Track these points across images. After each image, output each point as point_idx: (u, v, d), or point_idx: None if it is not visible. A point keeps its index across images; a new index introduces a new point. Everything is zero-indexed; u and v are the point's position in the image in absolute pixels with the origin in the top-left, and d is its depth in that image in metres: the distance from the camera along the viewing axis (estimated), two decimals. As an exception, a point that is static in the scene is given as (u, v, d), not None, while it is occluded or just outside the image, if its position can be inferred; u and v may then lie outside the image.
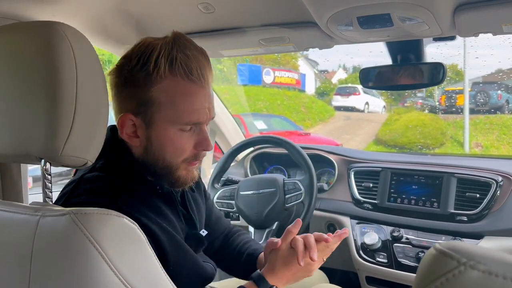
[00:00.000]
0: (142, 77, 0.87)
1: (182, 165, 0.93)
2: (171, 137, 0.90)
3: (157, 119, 0.88)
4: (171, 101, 0.87)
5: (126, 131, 0.91)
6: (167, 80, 0.86)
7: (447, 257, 0.35)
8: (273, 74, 14.08)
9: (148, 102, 0.87)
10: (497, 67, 11.76)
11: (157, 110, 0.88)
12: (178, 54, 0.86)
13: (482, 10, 1.06)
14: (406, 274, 1.55)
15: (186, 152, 0.92)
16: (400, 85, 1.46)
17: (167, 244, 0.91)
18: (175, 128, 0.89)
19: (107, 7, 1.25)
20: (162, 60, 0.85)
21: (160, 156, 0.91)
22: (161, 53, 0.86)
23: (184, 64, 0.86)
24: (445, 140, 10.12)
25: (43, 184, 0.76)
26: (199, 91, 0.89)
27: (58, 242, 0.64)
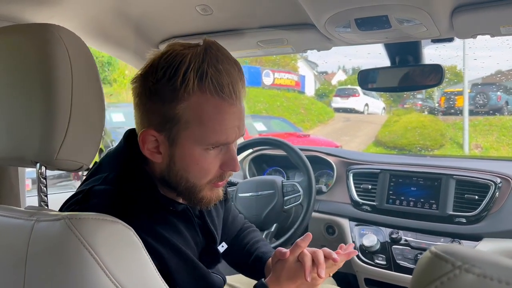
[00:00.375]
0: (168, 91, 0.79)
1: (207, 186, 0.87)
2: (196, 157, 0.83)
3: (182, 137, 0.81)
4: (199, 120, 0.80)
5: (147, 147, 0.84)
6: (195, 96, 0.78)
7: (442, 260, 0.35)
8: (272, 75, 14.08)
9: (174, 119, 0.80)
10: (496, 69, 11.75)
11: (182, 128, 0.81)
12: (209, 68, 0.78)
13: (480, 12, 1.06)
14: (404, 276, 1.55)
15: (211, 173, 0.85)
16: (399, 87, 1.46)
17: (174, 264, 0.86)
18: (201, 148, 0.82)
19: (105, 9, 1.24)
20: (191, 75, 0.77)
21: (184, 176, 0.85)
22: (190, 67, 0.77)
23: (215, 80, 0.78)
24: (445, 141, 10.12)
25: (38, 188, 0.75)
26: (230, 109, 0.81)
27: (53, 247, 0.64)
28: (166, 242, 0.86)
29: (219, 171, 0.86)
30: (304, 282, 0.95)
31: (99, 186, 0.83)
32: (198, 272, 0.93)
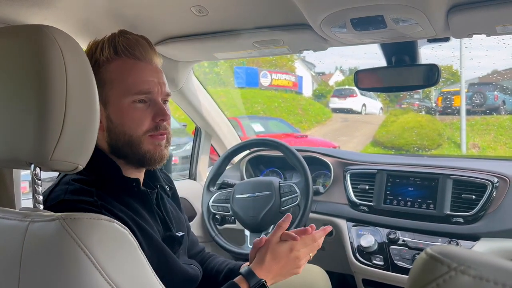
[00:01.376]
0: (92, 65, 0.91)
1: (145, 138, 0.97)
2: (126, 109, 0.95)
3: (111, 96, 0.95)
4: (120, 77, 0.95)
5: None
6: (114, 61, 0.95)
7: (437, 262, 0.35)
8: (270, 76, 14.09)
9: (100, 84, 0.91)
10: (493, 68, 11.81)
11: (109, 88, 0.94)
12: (119, 38, 0.96)
13: (476, 11, 1.06)
14: (402, 277, 1.55)
15: (144, 123, 0.96)
16: (395, 87, 1.46)
17: (143, 241, 0.92)
18: (129, 101, 0.95)
19: (100, 10, 1.24)
20: (106, 46, 0.95)
21: (121, 132, 0.96)
22: (105, 42, 0.96)
23: (126, 45, 0.95)
24: (442, 141, 10.14)
25: (33, 189, 0.75)
26: (145, 66, 0.97)
27: (48, 248, 0.64)
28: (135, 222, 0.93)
29: (152, 123, 0.97)
30: (287, 262, 1.05)
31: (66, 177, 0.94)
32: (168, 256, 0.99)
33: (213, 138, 2.21)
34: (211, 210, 1.80)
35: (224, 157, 1.89)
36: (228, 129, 2.23)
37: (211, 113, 2.08)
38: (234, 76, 12.98)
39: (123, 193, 0.97)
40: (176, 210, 1.17)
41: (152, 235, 0.96)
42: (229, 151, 1.90)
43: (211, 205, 1.80)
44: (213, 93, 2.09)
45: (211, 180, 1.86)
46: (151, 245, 0.95)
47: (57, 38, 0.72)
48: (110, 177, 0.96)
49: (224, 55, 1.59)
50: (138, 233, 0.92)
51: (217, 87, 11.90)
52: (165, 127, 1.00)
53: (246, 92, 13.16)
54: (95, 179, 0.93)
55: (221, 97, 10.77)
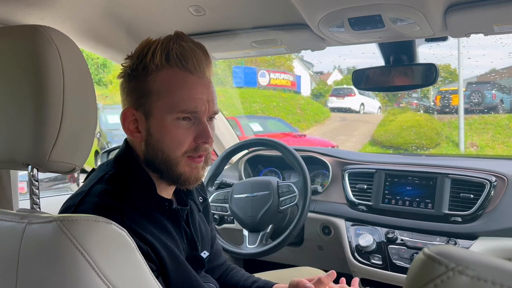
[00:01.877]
0: (141, 70, 0.89)
1: (183, 159, 0.91)
2: (168, 126, 0.89)
3: (155, 108, 0.89)
4: (168, 89, 0.88)
5: (128, 126, 0.91)
6: (164, 70, 0.88)
7: (435, 262, 0.34)
8: (268, 76, 14.09)
9: (147, 92, 0.89)
10: (491, 67, 11.84)
11: (155, 99, 0.88)
12: (174, 45, 0.88)
13: (473, 11, 1.06)
14: (401, 276, 1.55)
15: (185, 143, 0.90)
16: (393, 86, 1.46)
17: (168, 262, 0.89)
18: (173, 117, 0.89)
19: (97, 11, 1.23)
20: (158, 52, 0.88)
21: (160, 148, 0.90)
22: (158, 46, 0.88)
23: (179, 54, 0.88)
24: (441, 140, 10.15)
25: (30, 191, 0.74)
26: (196, 81, 0.90)
27: (45, 250, 0.63)
28: (161, 241, 0.89)
29: (193, 144, 0.91)
30: None
31: (97, 185, 0.87)
32: (191, 274, 0.95)
33: (211, 137, 2.20)
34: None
35: (222, 157, 1.88)
36: (226, 128, 2.22)
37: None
38: (232, 76, 12.97)
39: (154, 209, 0.92)
40: (205, 224, 1.12)
41: (177, 255, 0.92)
42: (227, 151, 1.89)
43: (210, 205, 1.80)
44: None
45: (209, 180, 1.86)
46: (176, 265, 0.91)
47: (53, 38, 0.72)
48: (144, 194, 0.91)
49: (222, 55, 1.58)
50: (165, 254, 0.88)
51: (216, 87, 11.88)
52: (206, 149, 0.94)
53: (244, 91, 13.16)
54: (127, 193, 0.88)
55: (220, 97, 10.73)
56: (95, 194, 0.86)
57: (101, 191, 0.86)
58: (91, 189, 0.87)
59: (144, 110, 0.90)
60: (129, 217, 0.84)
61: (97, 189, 0.87)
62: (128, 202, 0.86)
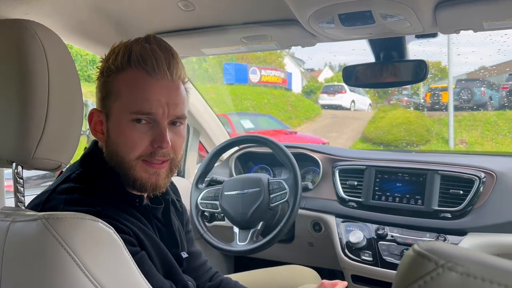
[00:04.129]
0: (105, 71, 0.89)
1: (138, 163, 0.88)
2: (123, 128, 0.87)
3: (113, 109, 0.88)
4: (125, 90, 0.87)
5: (94, 127, 0.91)
6: (125, 71, 0.87)
7: (425, 259, 0.34)
8: (259, 73, 14.08)
9: (108, 93, 0.89)
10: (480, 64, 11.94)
11: (113, 99, 0.88)
12: (136, 47, 0.88)
13: (463, 7, 1.06)
14: (391, 272, 1.55)
15: (139, 147, 0.87)
16: (383, 83, 1.46)
17: (149, 247, 0.89)
18: (128, 118, 0.86)
19: (84, 6, 1.21)
20: (120, 53, 0.88)
21: (114, 150, 0.88)
22: (121, 48, 0.89)
23: (139, 55, 0.86)
24: (430, 137, 10.23)
25: (14, 188, 0.73)
26: (154, 82, 0.87)
27: (30, 248, 0.62)
28: (141, 229, 0.88)
29: (149, 148, 0.88)
30: None
31: (63, 185, 0.86)
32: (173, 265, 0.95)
33: (201, 134, 2.20)
34: (199, 207, 1.78)
35: (212, 154, 1.87)
36: (216, 125, 2.21)
37: (199, 109, 2.07)
38: (223, 73, 12.95)
39: (126, 204, 0.90)
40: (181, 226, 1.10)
41: (157, 241, 0.91)
42: (218, 147, 1.88)
43: (200, 202, 1.79)
44: (202, 90, 2.08)
45: (199, 177, 1.85)
46: (160, 255, 0.91)
47: (38, 32, 0.71)
48: (112, 190, 0.89)
49: (212, 51, 1.57)
50: (147, 242, 0.88)
51: (206, 84, 11.86)
52: (166, 154, 0.90)
53: (235, 88, 13.14)
54: (96, 189, 0.86)
55: (211, 94, 10.73)
56: (61, 191, 0.84)
57: (67, 187, 0.84)
58: (57, 187, 0.86)
59: (106, 111, 0.89)
60: (102, 207, 0.82)
61: (63, 187, 0.85)
62: (98, 197, 0.85)
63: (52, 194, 0.84)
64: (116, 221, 0.82)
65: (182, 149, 0.96)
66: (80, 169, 0.90)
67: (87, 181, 0.88)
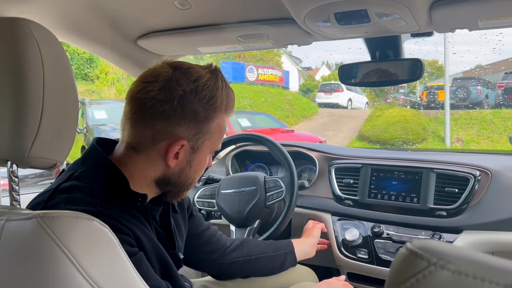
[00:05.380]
0: (209, 111, 0.93)
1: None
2: (205, 161, 1.00)
3: (205, 146, 0.97)
4: (219, 133, 0.98)
5: (170, 155, 0.92)
6: (221, 115, 0.97)
7: (417, 257, 0.34)
8: (256, 71, 14.09)
9: (206, 132, 0.95)
10: (476, 63, 11.98)
11: (208, 138, 0.96)
12: (230, 96, 0.98)
13: (458, 6, 1.06)
14: (387, 270, 1.56)
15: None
16: (379, 82, 1.47)
17: (148, 248, 0.89)
18: (208, 153, 1.00)
19: (79, 4, 1.21)
20: (224, 99, 0.95)
21: (192, 177, 0.99)
22: (223, 92, 0.95)
23: (231, 105, 0.99)
24: (427, 135, 10.26)
25: (9, 187, 0.73)
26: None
27: (24, 247, 0.62)
28: (141, 230, 0.90)
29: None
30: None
31: (65, 183, 0.86)
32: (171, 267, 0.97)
33: (198, 133, 2.19)
34: (196, 205, 1.79)
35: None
36: (213, 124, 2.21)
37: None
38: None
39: (127, 204, 0.91)
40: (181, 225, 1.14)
41: (157, 243, 0.93)
42: (214, 146, 1.88)
43: (196, 200, 1.79)
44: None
45: (196, 176, 1.84)
46: (158, 256, 0.93)
47: (33, 31, 0.70)
48: (116, 189, 0.90)
49: (208, 49, 1.57)
50: (146, 243, 0.89)
51: (203, 82, 11.83)
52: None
53: (232, 86, 13.03)
54: (98, 188, 0.87)
55: (208, 92, 10.69)
56: (64, 190, 0.84)
57: (69, 186, 0.85)
58: (60, 186, 0.86)
59: (195, 145, 0.95)
60: (103, 207, 0.83)
61: (65, 185, 0.85)
62: (100, 196, 0.85)
63: (54, 193, 0.84)
64: (116, 221, 0.83)
65: None
66: (83, 168, 0.90)
67: (89, 179, 0.87)
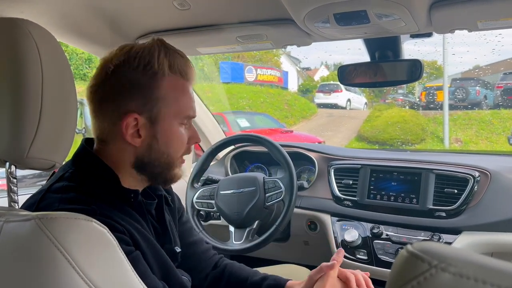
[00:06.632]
0: (148, 77, 0.90)
1: (179, 161, 0.98)
2: (175, 131, 0.95)
3: (164, 114, 0.92)
4: (175, 97, 0.93)
5: (129, 132, 0.91)
6: (170, 77, 0.92)
7: (418, 260, 0.34)
8: (255, 71, 14.09)
9: (156, 99, 0.91)
10: (475, 64, 12.01)
11: (163, 105, 0.92)
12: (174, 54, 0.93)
13: (457, 7, 1.06)
14: (386, 271, 1.56)
15: (184, 146, 0.98)
16: (378, 82, 1.46)
17: (144, 246, 0.89)
18: (178, 123, 0.95)
19: (79, 4, 1.21)
20: (163, 60, 0.91)
21: (165, 152, 0.94)
22: (161, 55, 0.92)
23: (179, 64, 0.94)
24: (426, 136, 10.27)
25: (8, 188, 0.73)
26: (190, 89, 0.98)
27: (23, 248, 0.62)
28: (135, 228, 0.90)
29: (187, 146, 0.99)
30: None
31: (57, 184, 0.86)
32: (167, 263, 0.96)
33: (197, 133, 2.19)
34: (195, 206, 1.78)
35: (208, 152, 1.87)
36: (212, 124, 2.21)
37: (196, 108, 2.06)
38: (219, 71, 12.94)
39: (120, 201, 0.92)
40: (174, 221, 1.12)
41: (152, 241, 0.93)
42: (213, 146, 1.88)
43: (195, 201, 1.79)
44: (198, 88, 2.08)
45: (195, 176, 1.84)
46: (151, 249, 0.92)
47: (32, 31, 0.70)
48: (108, 187, 0.91)
49: (207, 50, 1.57)
50: (141, 241, 0.89)
51: (203, 82, 11.85)
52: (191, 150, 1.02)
53: (231, 87, 13.14)
54: (90, 187, 0.87)
55: (207, 92, 10.73)
56: (56, 190, 0.85)
57: (62, 186, 0.85)
58: (51, 186, 0.86)
59: (151, 116, 0.91)
60: (97, 206, 0.84)
61: (57, 186, 0.86)
62: (92, 194, 0.86)
63: (47, 193, 0.85)
64: (111, 219, 0.83)
65: None
66: (73, 168, 0.90)
67: (81, 179, 0.88)
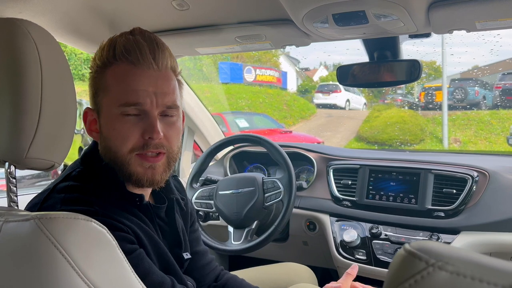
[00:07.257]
0: (98, 70, 0.88)
1: (132, 157, 0.86)
2: (113, 121, 0.85)
3: (103, 104, 0.87)
4: (113, 84, 0.85)
5: (88, 126, 0.90)
6: (112, 66, 0.86)
7: (415, 258, 0.34)
8: (254, 72, 14.09)
9: (98, 89, 0.88)
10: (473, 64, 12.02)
11: (102, 95, 0.87)
12: (120, 39, 0.86)
13: (456, 7, 1.06)
14: (385, 271, 1.56)
15: (131, 139, 0.85)
16: (377, 82, 1.47)
17: (149, 246, 0.88)
18: (117, 112, 0.85)
19: (78, 4, 1.21)
20: (105, 48, 0.87)
21: (107, 146, 0.87)
22: (107, 43, 0.88)
23: (123, 47, 0.85)
24: (425, 136, 10.28)
25: (7, 188, 0.73)
26: (140, 73, 0.85)
27: (22, 248, 0.62)
28: (140, 227, 0.88)
29: (141, 140, 0.86)
30: None
31: (62, 183, 0.85)
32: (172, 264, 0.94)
33: (196, 134, 2.19)
34: (194, 206, 1.78)
35: (207, 153, 1.87)
36: (211, 125, 2.21)
37: (194, 108, 2.07)
38: (218, 72, 12.94)
39: (126, 203, 0.89)
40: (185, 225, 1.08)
41: (158, 241, 0.91)
42: (212, 147, 1.88)
43: (194, 201, 1.79)
44: (197, 89, 2.08)
45: (194, 176, 1.85)
46: (158, 254, 0.90)
47: (31, 32, 0.70)
48: (113, 189, 0.88)
49: (206, 50, 1.57)
50: (146, 241, 0.87)
51: (202, 83, 11.86)
52: (159, 146, 0.87)
53: (230, 87, 13.14)
54: (94, 188, 0.85)
55: (205, 93, 10.73)
56: (60, 190, 0.84)
57: (66, 186, 0.84)
58: (57, 186, 0.85)
59: (97, 108, 0.88)
60: (100, 206, 0.82)
61: (62, 185, 0.85)
62: (96, 195, 0.84)
63: (52, 192, 0.84)
64: (113, 219, 0.82)
65: (178, 141, 0.93)
66: (81, 167, 0.90)
67: (87, 179, 0.87)
